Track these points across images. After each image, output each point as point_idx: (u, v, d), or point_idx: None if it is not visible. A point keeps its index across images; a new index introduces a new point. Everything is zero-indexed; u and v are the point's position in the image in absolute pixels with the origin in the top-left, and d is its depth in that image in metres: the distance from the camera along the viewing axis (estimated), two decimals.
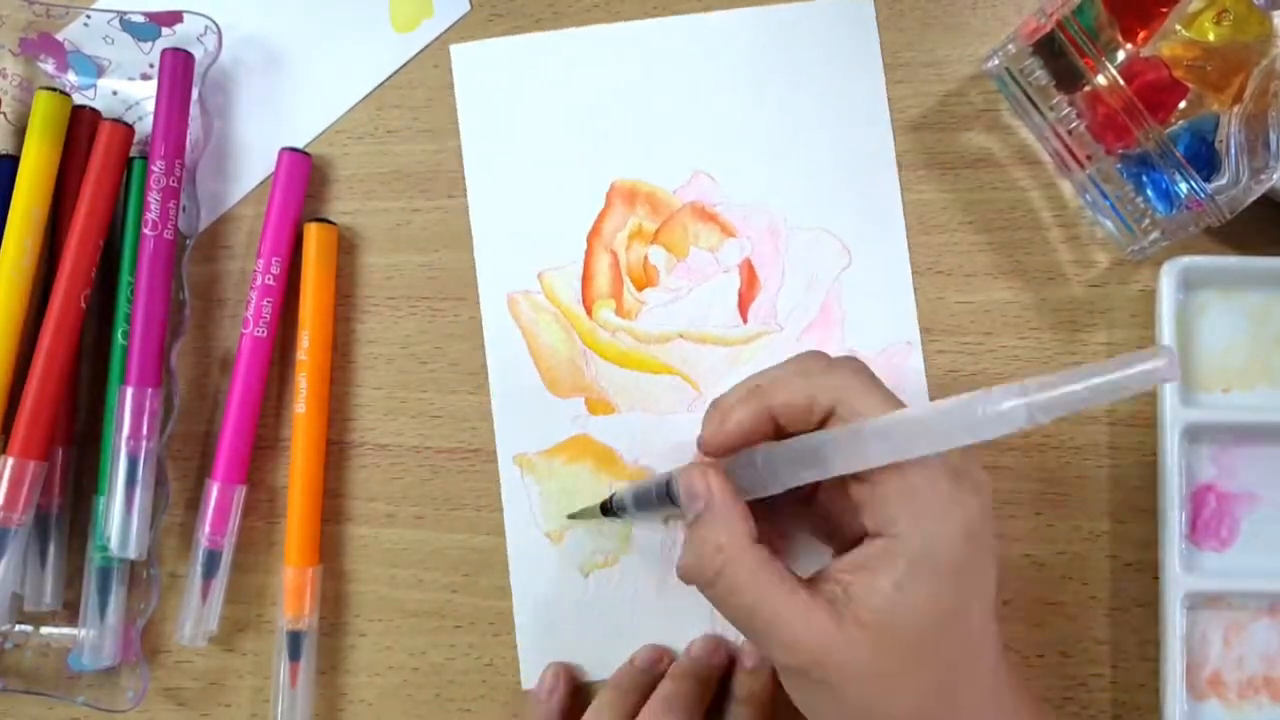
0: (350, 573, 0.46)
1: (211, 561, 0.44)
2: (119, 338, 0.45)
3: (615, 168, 0.46)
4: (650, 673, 0.44)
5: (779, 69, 0.46)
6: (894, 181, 0.45)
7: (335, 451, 0.46)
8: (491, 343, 0.46)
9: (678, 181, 0.46)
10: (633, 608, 0.45)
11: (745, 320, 0.45)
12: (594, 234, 0.46)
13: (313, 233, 0.46)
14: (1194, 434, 0.43)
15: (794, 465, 0.35)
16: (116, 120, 0.45)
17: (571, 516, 0.45)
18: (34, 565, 0.44)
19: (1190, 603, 0.42)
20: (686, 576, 0.36)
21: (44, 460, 0.43)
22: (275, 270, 0.45)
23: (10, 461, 0.42)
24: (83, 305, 0.44)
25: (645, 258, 0.46)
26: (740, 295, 0.46)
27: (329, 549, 0.46)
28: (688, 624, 0.44)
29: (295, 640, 0.44)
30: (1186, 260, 0.42)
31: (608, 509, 0.43)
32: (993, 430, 0.30)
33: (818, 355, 0.37)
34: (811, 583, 0.34)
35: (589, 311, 0.46)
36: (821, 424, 0.35)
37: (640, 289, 0.46)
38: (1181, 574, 0.42)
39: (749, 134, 0.46)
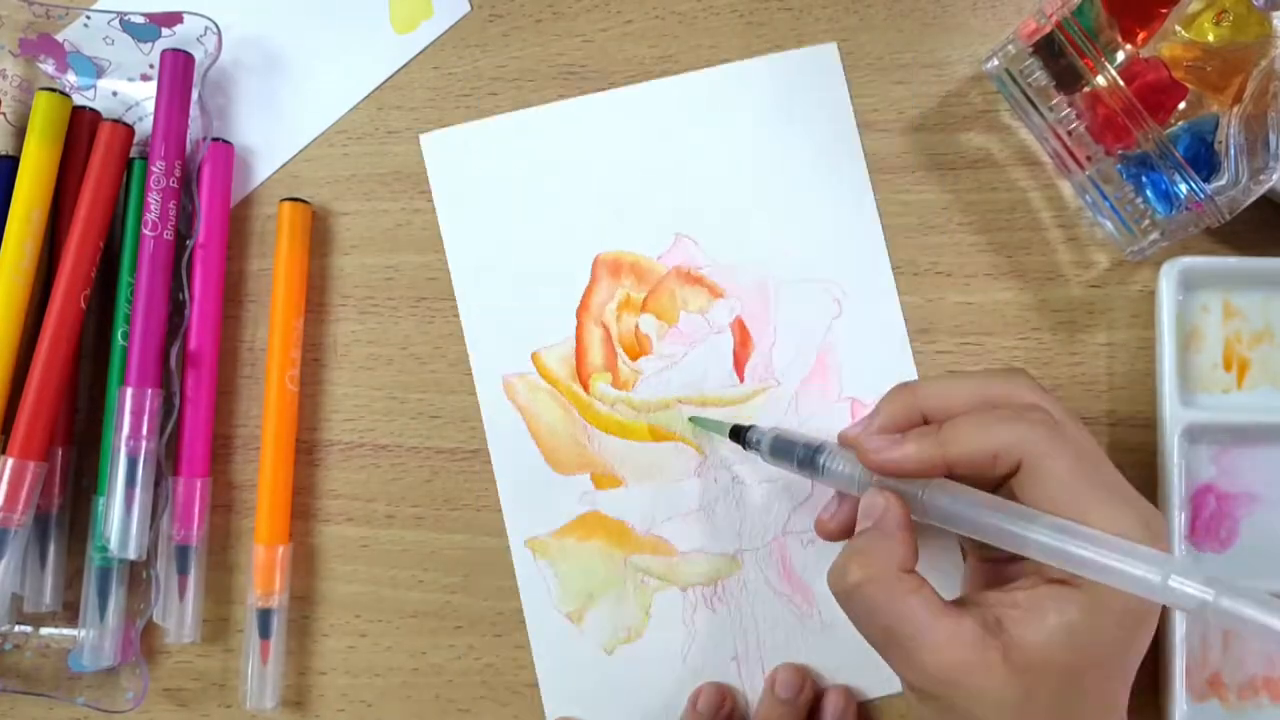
0: (350, 573, 0.46)
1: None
2: (119, 338, 0.45)
3: (597, 240, 0.46)
4: (713, 718, 0.44)
5: (750, 124, 0.46)
6: (877, 226, 0.45)
7: (335, 452, 0.46)
8: (491, 427, 0.46)
9: (660, 248, 0.46)
10: (660, 681, 0.45)
11: (742, 379, 0.45)
12: (583, 309, 0.46)
13: (285, 212, 0.46)
14: (1194, 435, 0.43)
15: (971, 527, 0.34)
16: (116, 121, 0.45)
17: (694, 421, 0.45)
18: (34, 566, 0.44)
19: None
20: (828, 581, 0.36)
21: (44, 460, 0.43)
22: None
23: (10, 462, 0.42)
24: (82, 306, 0.44)
25: (636, 327, 0.46)
26: (735, 354, 0.46)
27: (329, 549, 0.46)
28: None
29: (265, 618, 0.44)
30: (1186, 260, 0.42)
31: (738, 435, 0.43)
32: (1162, 598, 0.30)
33: (983, 393, 0.37)
34: (960, 605, 0.34)
35: (585, 386, 0.46)
36: (1006, 477, 0.34)
37: (634, 358, 0.46)
38: None
39: (727, 193, 0.46)
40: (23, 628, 0.46)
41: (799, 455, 0.40)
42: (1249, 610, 0.29)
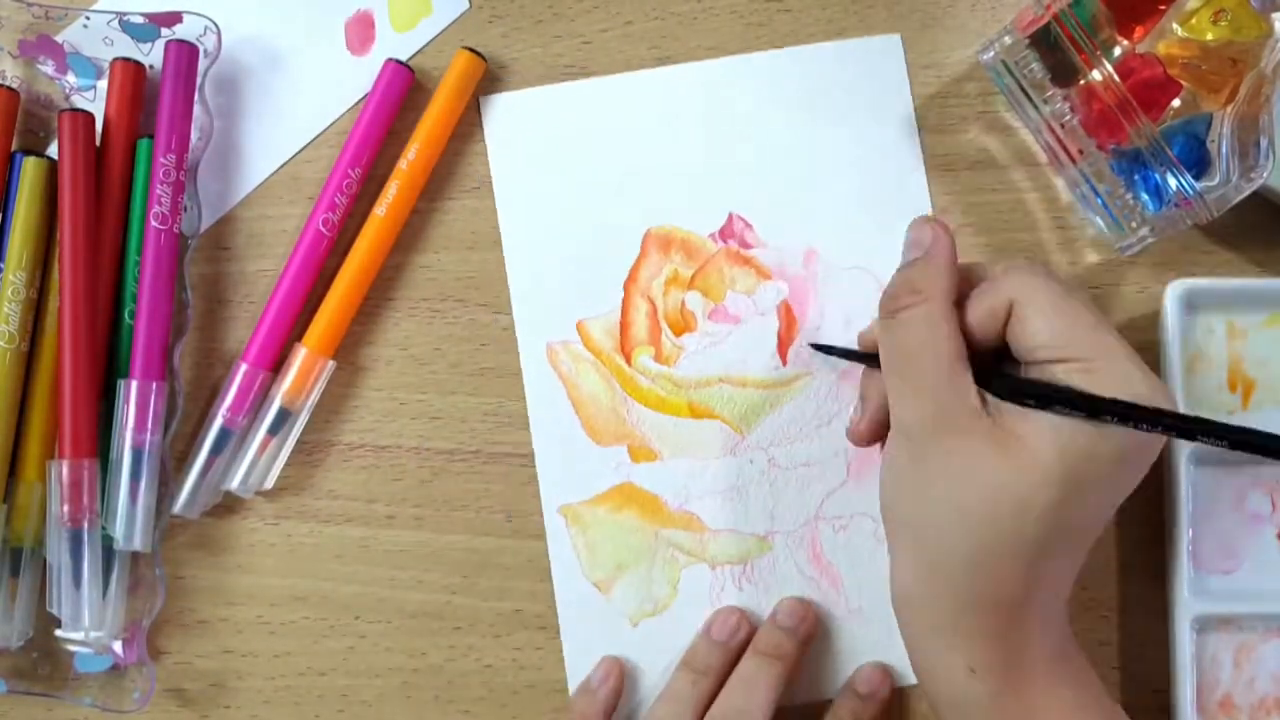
0: (349, 573, 0.46)
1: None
2: (126, 317, 0.45)
3: (649, 214, 0.46)
4: (728, 646, 0.43)
5: (810, 109, 0.46)
6: (927, 212, 0.46)
7: (335, 452, 0.46)
8: (532, 393, 0.46)
9: (712, 226, 0.46)
10: (681, 656, 0.45)
11: (785, 363, 0.45)
12: (630, 281, 0.46)
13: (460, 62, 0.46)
14: (1201, 457, 0.43)
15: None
16: (74, 110, 0.44)
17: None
18: (69, 586, 0.43)
19: (1199, 625, 0.42)
20: (879, 303, 0.38)
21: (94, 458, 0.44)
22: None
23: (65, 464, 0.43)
24: (93, 300, 0.44)
25: (682, 303, 0.46)
26: (779, 338, 0.46)
27: (329, 549, 0.46)
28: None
29: (282, 416, 0.45)
30: (1190, 282, 0.42)
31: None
32: None
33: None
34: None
35: (628, 359, 0.46)
36: (1005, 325, 0.37)
37: (678, 334, 0.46)
38: (1190, 597, 0.42)
39: (782, 175, 0.46)
40: None
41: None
42: None
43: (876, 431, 0.40)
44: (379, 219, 0.45)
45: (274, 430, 0.45)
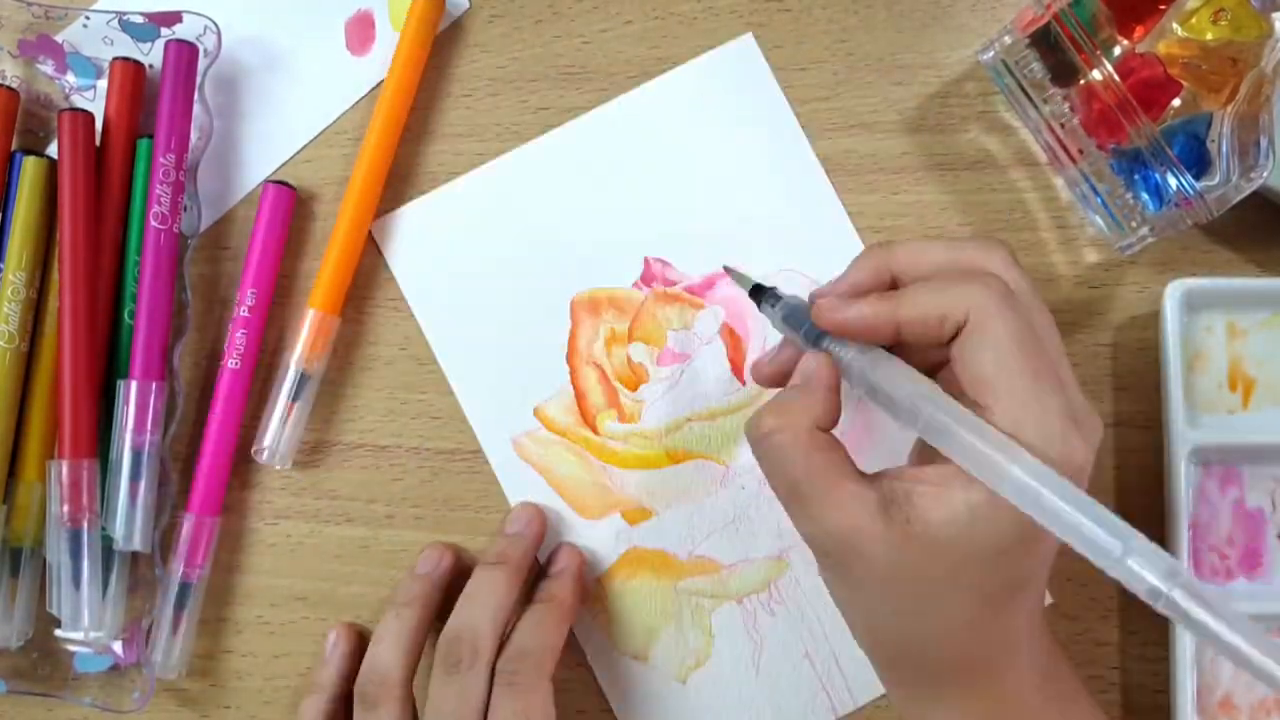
0: (350, 574, 0.46)
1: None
2: (126, 317, 0.45)
3: (568, 284, 0.46)
4: (430, 577, 0.44)
5: (688, 133, 0.46)
6: (831, 195, 0.45)
7: (335, 452, 0.46)
8: (510, 490, 0.46)
9: (632, 275, 0.46)
10: (738, 698, 0.45)
11: (743, 382, 0.45)
12: (572, 353, 0.46)
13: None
14: (1200, 456, 0.43)
15: (890, 409, 0.34)
16: (73, 109, 0.44)
17: (727, 269, 0.43)
18: (68, 586, 0.43)
19: None
20: (745, 429, 0.36)
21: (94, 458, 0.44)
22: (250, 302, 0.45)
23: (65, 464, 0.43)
24: (95, 297, 0.44)
25: (628, 358, 0.46)
26: (730, 359, 0.46)
27: (329, 549, 0.46)
28: (795, 689, 0.45)
29: (302, 380, 0.45)
30: (1190, 282, 0.42)
31: (756, 295, 0.40)
32: (1115, 572, 0.29)
33: (954, 257, 0.35)
34: (872, 478, 0.34)
35: (594, 429, 0.46)
36: (952, 339, 0.33)
37: (634, 389, 0.46)
38: None
39: (683, 205, 0.46)
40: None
41: (805, 331, 0.37)
42: (1201, 613, 0.27)
43: (778, 380, 0.39)
44: (364, 168, 0.45)
45: (295, 397, 0.45)
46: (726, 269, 0.43)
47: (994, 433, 0.31)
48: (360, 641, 0.45)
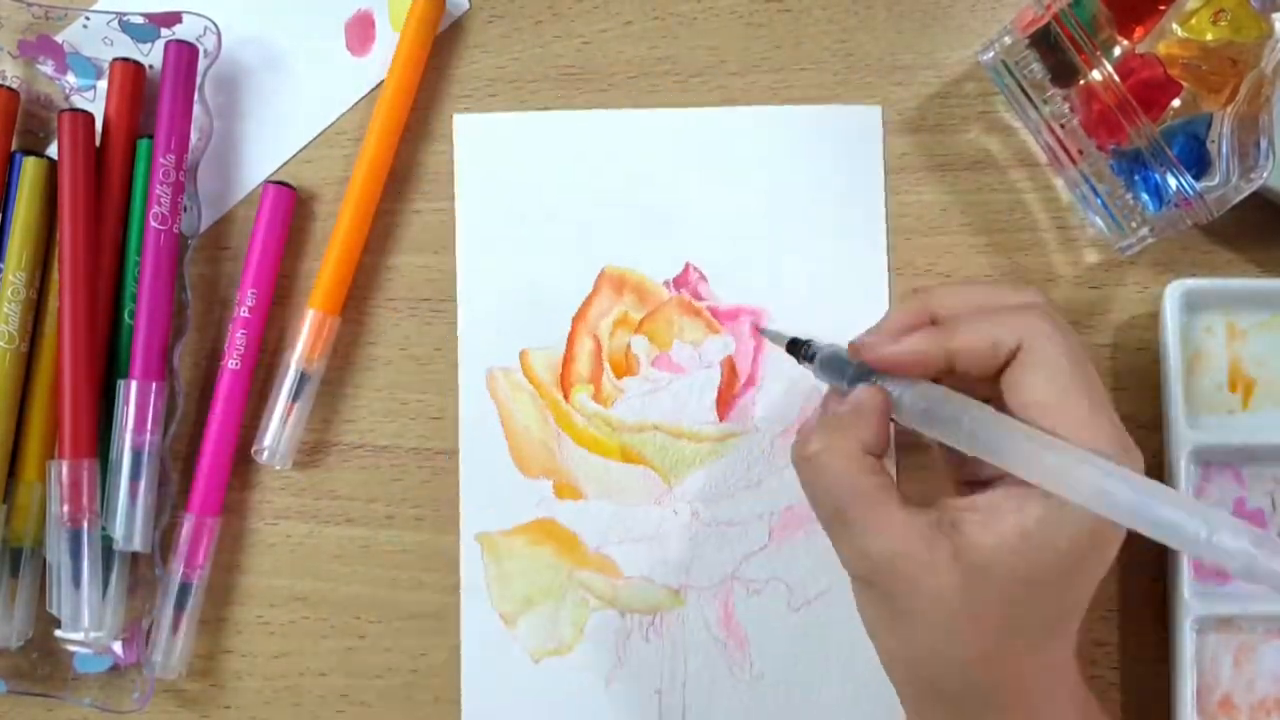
0: (349, 574, 0.46)
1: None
2: (126, 317, 0.45)
3: (607, 254, 0.46)
4: None
5: (781, 170, 0.46)
6: (884, 295, 0.45)
7: (335, 452, 0.46)
8: (466, 416, 0.46)
9: (668, 273, 0.46)
10: (580, 700, 0.45)
11: (722, 418, 0.45)
12: (579, 318, 0.46)
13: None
14: (1200, 456, 0.43)
15: (947, 433, 0.34)
16: (73, 110, 0.44)
17: (762, 331, 0.44)
18: (68, 586, 0.43)
19: (1199, 626, 0.42)
20: (791, 451, 0.36)
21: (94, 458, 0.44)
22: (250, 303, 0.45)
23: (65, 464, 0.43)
24: (95, 297, 0.44)
25: (628, 346, 0.46)
26: (719, 393, 0.45)
27: (329, 549, 0.46)
28: (631, 717, 0.44)
29: (302, 380, 0.45)
30: (1190, 283, 0.42)
31: (795, 349, 0.40)
32: (1205, 553, 0.28)
33: (994, 294, 0.36)
34: (920, 506, 0.34)
35: (566, 395, 0.46)
36: (1005, 366, 0.34)
37: (620, 376, 0.46)
38: (1190, 598, 0.41)
39: (744, 233, 0.46)
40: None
41: (850, 374, 0.37)
42: None
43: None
44: (364, 168, 0.45)
45: (295, 397, 0.45)
46: (761, 331, 0.44)
47: (1059, 441, 0.32)
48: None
